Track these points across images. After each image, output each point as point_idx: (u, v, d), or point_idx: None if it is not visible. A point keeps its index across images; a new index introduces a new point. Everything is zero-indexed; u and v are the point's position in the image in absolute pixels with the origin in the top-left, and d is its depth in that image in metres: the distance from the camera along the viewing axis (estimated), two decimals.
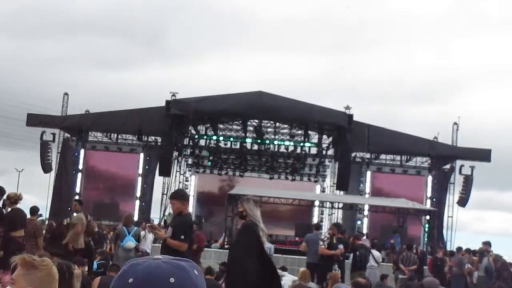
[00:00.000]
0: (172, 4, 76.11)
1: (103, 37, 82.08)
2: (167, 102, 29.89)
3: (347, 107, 30.03)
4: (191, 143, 34.87)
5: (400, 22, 77.30)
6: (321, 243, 15.74)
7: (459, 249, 20.29)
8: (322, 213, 36.87)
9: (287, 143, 32.98)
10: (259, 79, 68.49)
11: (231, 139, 33.23)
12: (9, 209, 11.62)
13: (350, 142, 30.08)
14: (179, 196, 9.25)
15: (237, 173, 38.74)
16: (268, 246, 19.64)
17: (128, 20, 80.00)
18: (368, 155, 33.58)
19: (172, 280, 1.57)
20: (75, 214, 14.53)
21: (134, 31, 79.17)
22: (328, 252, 15.31)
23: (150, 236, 17.87)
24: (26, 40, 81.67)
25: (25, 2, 73.66)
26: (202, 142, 34.53)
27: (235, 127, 34.79)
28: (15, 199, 11.67)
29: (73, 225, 13.91)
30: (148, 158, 33.02)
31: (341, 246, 15.57)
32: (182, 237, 8.62)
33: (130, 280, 1.58)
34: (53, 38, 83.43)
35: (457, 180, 32.81)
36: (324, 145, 34.27)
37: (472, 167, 32.09)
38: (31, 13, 77.00)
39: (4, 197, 11.77)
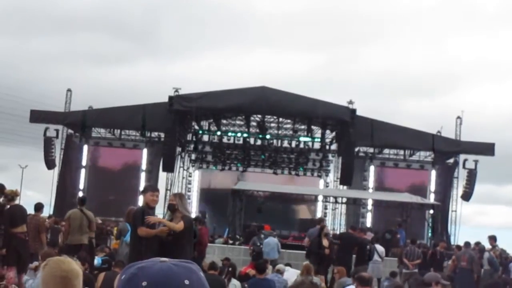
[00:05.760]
0: None
1: (100, 34, 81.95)
2: (170, 98, 29.89)
3: (350, 102, 29.99)
4: (194, 139, 34.87)
5: (401, 16, 77.14)
6: None
7: (467, 244, 20.16)
8: (325, 208, 36.88)
9: (290, 138, 32.96)
10: (259, 74, 68.36)
11: (235, 134, 33.20)
12: (8, 206, 11.62)
13: (353, 136, 30.05)
14: None
15: (241, 169, 38.77)
16: (275, 241, 19.67)
17: (125, 16, 79.89)
18: (371, 150, 33.53)
19: (187, 282, 1.57)
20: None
21: (132, 26, 79.00)
22: None
23: None
24: (18, 38, 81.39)
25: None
26: (205, 138, 34.52)
27: (238, 122, 34.77)
28: (12, 196, 11.67)
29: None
30: (151, 154, 33.01)
31: None
32: None
33: (144, 284, 1.56)
34: (48, 35, 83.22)
35: (461, 174, 32.77)
36: (327, 140, 34.24)
37: (476, 161, 32.02)
38: (21, 11, 76.65)
39: None
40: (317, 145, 33.92)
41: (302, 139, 32.74)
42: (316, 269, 14.46)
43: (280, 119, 33.44)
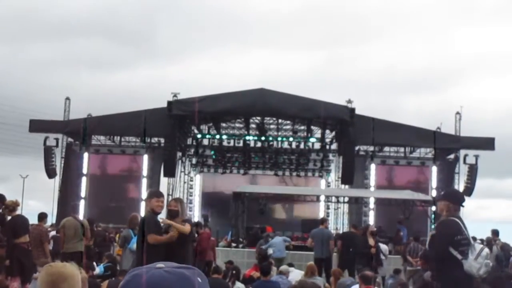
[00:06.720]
0: (163, 2, 75.94)
1: (97, 39, 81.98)
2: (169, 102, 29.87)
3: (349, 101, 29.99)
4: (194, 143, 34.86)
5: (400, 13, 77.21)
6: None
7: (473, 239, 20.07)
8: (328, 207, 36.87)
9: (290, 139, 32.96)
10: (258, 75, 68.45)
11: (234, 137, 33.20)
12: (9, 217, 11.62)
13: (353, 135, 30.06)
14: None
15: (242, 171, 38.76)
16: (279, 239, 19.60)
17: (121, 21, 79.90)
18: (371, 148, 33.54)
19: None
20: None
21: (128, 31, 79.06)
22: None
23: None
24: (14, 45, 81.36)
25: (7, 5, 72.98)
26: (205, 142, 34.52)
27: (237, 125, 34.77)
28: (13, 206, 11.67)
29: None
30: (152, 159, 33.00)
31: None
32: None
33: None
34: (44, 42, 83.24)
35: (462, 170, 32.77)
36: (327, 140, 34.24)
37: (477, 156, 32.03)
38: (16, 18, 76.59)
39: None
40: (317, 145, 33.93)
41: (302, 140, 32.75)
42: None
43: (280, 120, 33.44)
